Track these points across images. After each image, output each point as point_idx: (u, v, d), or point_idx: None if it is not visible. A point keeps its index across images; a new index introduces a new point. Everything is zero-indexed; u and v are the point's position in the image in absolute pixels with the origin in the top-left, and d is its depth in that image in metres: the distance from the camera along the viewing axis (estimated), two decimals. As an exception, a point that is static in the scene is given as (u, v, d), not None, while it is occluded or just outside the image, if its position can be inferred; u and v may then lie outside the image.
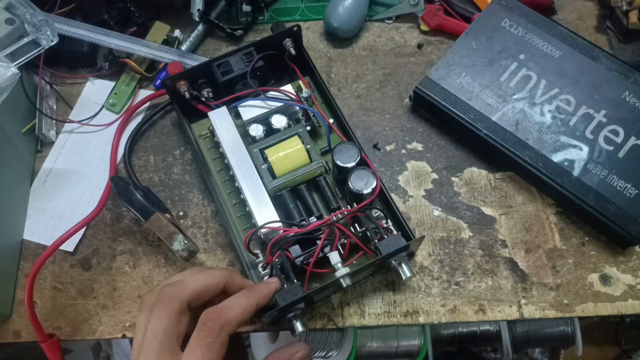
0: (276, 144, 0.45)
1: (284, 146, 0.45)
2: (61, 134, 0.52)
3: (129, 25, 0.55)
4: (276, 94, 0.48)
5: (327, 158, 0.47)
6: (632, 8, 0.54)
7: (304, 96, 0.48)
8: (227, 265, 0.46)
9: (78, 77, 0.55)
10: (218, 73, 0.48)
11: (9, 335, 0.45)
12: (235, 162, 0.44)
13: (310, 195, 0.45)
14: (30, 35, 0.43)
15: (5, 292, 0.45)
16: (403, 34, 0.57)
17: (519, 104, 0.48)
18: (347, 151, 0.43)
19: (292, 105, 0.47)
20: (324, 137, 0.48)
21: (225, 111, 0.47)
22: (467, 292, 0.45)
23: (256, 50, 0.49)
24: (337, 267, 0.39)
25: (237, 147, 0.45)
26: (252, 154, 0.45)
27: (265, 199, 0.43)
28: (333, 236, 0.41)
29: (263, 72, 0.50)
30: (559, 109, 0.47)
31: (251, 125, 0.46)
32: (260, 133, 0.46)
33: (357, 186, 0.42)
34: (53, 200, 0.49)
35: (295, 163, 0.44)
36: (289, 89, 0.48)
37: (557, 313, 0.44)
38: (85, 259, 0.47)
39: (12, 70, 0.40)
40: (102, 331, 0.44)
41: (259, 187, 0.43)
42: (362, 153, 0.44)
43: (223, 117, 0.46)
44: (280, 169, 0.44)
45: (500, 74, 0.49)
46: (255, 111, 0.47)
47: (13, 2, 0.43)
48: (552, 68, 0.49)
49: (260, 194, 0.43)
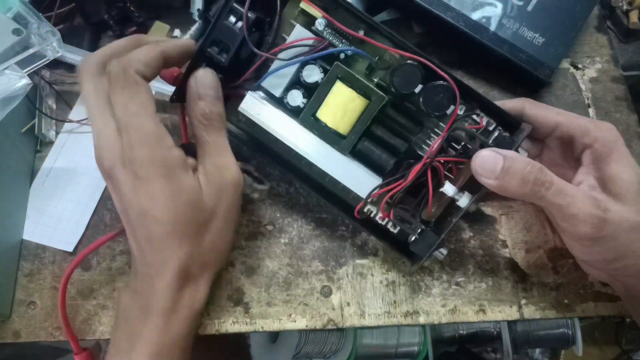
0: (323, 101, 0.40)
1: (334, 101, 0.39)
2: (61, 133, 0.52)
3: (128, 25, 0.54)
4: (291, 50, 0.40)
5: (378, 75, 0.40)
6: (632, 8, 0.54)
7: (319, 28, 0.39)
8: (227, 266, 0.46)
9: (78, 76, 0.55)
10: (217, 56, 0.40)
11: (8, 335, 0.45)
12: (296, 143, 0.40)
13: (388, 131, 0.41)
14: (36, 46, 0.44)
15: (5, 292, 0.45)
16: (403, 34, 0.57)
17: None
18: (405, 75, 0.37)
19: (311, 57, 0.39)
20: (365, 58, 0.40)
21: (251, 98, 0.41)
22: (468, 292, 0.45)
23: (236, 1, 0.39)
24: (458, 198, 0.37)
25: (289, 127, 0.40)
26: (307, 126, 0.40)
27: (348, 165, 0.40)
28: (437, 171, 0.38)
29: (260, 24, 0.41)
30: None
31: (287, 96, 0.41)
32: (301, 99, 0.40)
33: (436, 110, 0.38)
34: (53, 200, 0.49)
35: (355, 112, 0.39)
36: (298, 32, 0.40)
37: (557, 313, 0.44)
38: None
39: (24, 81, 0.41)
40: (102, 331, 0.44)
41: (335, 155, 0.40)
42: (422, 70, 0.37)
43: (254, 105, 0.41)
44: (344, 127, 0.39)
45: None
46: (282, 78, 0.40)
47: (21, 13, 0.44)
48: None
49: (340, 162, 0.40)
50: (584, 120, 0.38)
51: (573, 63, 0.54)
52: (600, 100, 0.52)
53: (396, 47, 0.39)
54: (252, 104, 0.40)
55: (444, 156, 0.38)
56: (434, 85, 0.37)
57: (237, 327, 0.44)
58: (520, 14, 0.50)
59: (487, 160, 0.34)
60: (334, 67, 0.39)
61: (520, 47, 0.49)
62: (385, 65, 0.40)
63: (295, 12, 0.40)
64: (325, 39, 0.39)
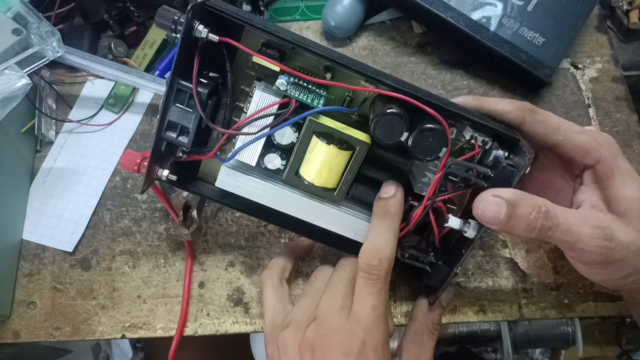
0: (303, 158, 0.36)
1: (316, 159, 0.36)
2: (60, 133, 0.52)
3: (128, 25, 0.54)
4: (256, 123, 0.35)
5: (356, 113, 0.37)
6: (632, 8, 0.54)
7: (281, 88, 0.34)
8: (227, 266, 0.46)
9: (77, 76, 0.55)
10: (178, 140, 0.36)
11: (8, 336, 0.45)
12: (285, 208, 0.38)
13: (379, 170, 0.39)
14: (36, 45, 0.44)
15: (4, 293, 0.45)
16: (403, 34, 0.57)
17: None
18: (388, 126, 0.33)
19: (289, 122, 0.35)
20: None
21: (226, 172, 0.37)
22: (468, 292, 0.45)
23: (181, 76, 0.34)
24: (466, 230, 0.35)
25: (273, 193, 0.37)
26: (293, 185, 0.38)
27: (344, 217, 0.38)
28: (438, 211, 0.37)
29: (214, 90, 0.36)
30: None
31: (264, 160, 0.38)
32: (280, 162, 0.38)
33: (428, 155, 0.34)
34: (52, 200, 0.49)
35: (341, 166, 0.36)
36: (258, 98, 0.35)
37: (557, 313, 0.44)
38: (84, 259, 0.47)
39: (24, 81, 0.41)
40: (102, 331, 0.44)
41: (328, 210, 0.38)
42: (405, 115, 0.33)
43: (231, 178, 0.37)
44: (332, 182, 0.37)
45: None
46: (254, 148, 0.37)
47: (21, 13, 0.44)
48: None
49: (335, 216, 0.38)
50: (584, 139, 0.36)
51: (573, 63, 0.54)
52: (600, 100, 0.52)
53: (368, 80, 0.35)
54: (228, 177, 0.37)
55: (444, 194, 0.36)
56: (421, 130, 0.33)
57: (237, 327, 0.44)
58: (521, 14, 0.50)
59: (490, 208, 0.33)
60: (307, 124, 0.35)
61: (520, 47, 0.49)
62: (361, 100, 0.37)
63: (247, 63, 0.36)
64: (291, 97, 0.34)
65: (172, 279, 0.46)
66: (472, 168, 0.35)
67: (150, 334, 0.44)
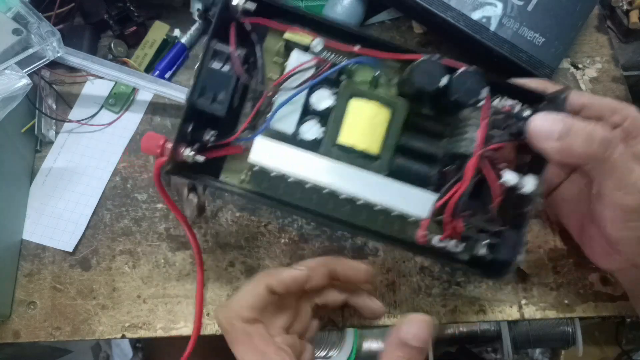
0: (342, 124, 0.34)
1: (355, 120, 0.34)
2: (60, 133, 0.52)
3: (128, 25, 0.54)
4: (292, 79, 0.34)
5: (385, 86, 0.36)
6: (632, 8, 0.54)
7: (316, 51, 0.34)
8: (227, 266, 0.46)
9: (77, 76, 0.55)
10: (211, 107, 0.34)
11: (8, 336, 0.45)
12: (328, 181, 0.34)
13: (419, 140, 0.36)
14: (36, 45, 0.44)
15: (4, 293, 0.45)
16: (403, 34, 0.57)
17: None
18: (426, 71, 0.33)
19: (320, 79, 0.34)
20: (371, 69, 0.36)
21: (261, 144, 0.34)
22: (468, 292, 0.45)
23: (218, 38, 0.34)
24: (523, 184, 0.33)
25: (311, 166, 0.34)
26: (333, 156, 0.34)
27: (393, 186, 0.34)
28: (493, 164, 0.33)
29: (250, 56, 0.35)
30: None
31: (301, 130, 0.35)
32: (318, 130, 0.35)
33: (471, 97, 0.33)
34: (52, 200, 0.49)
35: (383, 125, 0.34)
36: (296, 57, 0.34)
37: (557, 313, 0.44)
38: (84, 259, 0.47)
39: (24, 81, 0.41)
40: (102, 331, 0.44)
41: (373, 181, 0.34)
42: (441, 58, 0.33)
43: (266, 150, 0.34)
44: (375, 145, 0.34)
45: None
46: (290, 114, 0.35)
47: (21, 13, 0.44)
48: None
49: (384, 186, 0.34)
50: (609, 99, 0.37)
51: (573, 63, 0.54)
52: (600, 100, 0.52)
53: (396, 52, 0.35)
54: (263, 149, 0.34)
55: (494, 142, 0.33)
56: (460, 73, 0.33)
57: (237, 327, 0.44)
58: (521, 14, 0.50)
59: (546, 119, 0.31)
60: (344, 85, 0.34)
61: (520, 47, 0.49)
62: (389, 76, 0.36)
63: (275, 48, 0.36)
64: (326, 60, 0.35)
65: (172, 279, 0.46)
66: (513, 115, 0.33)
67: (150, 334, 0.44)
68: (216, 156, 0.35)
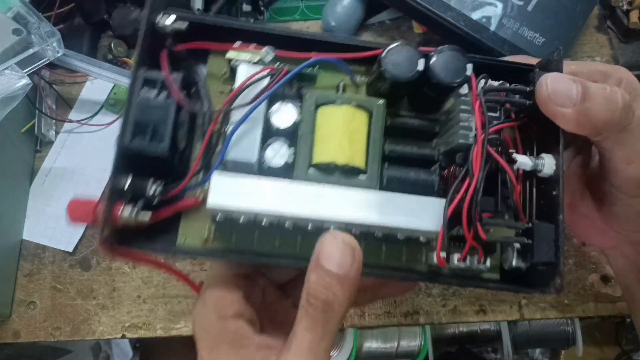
0: (315, 139, 0.28)
1: (329, 131, 0.28)
2: (60, 133, 0.52)
3: (128, 25, 0.55)
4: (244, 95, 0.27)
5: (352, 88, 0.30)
6: (632, 8, 0.54)
7: (267, 61, 0.28)
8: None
9: (77, 76, 0.55)
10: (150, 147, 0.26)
11: (8, 335, 0.45)
12: (306, 211, 0.26)
13: (408, 142, 0.30)
14: (36, 46, 0.44)
15: (4, 293, 0.45)
16: (403, 34, 0.57)
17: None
18: (400, 58, 0.27)
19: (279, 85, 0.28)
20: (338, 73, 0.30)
21: (220, 181, 0.26)
22: (468, 292, 0.45)
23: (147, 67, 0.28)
24: (540, 166, 0.27)
25: (285, 196, 0.26)
26: (310, 180, 0.27)
27: (389, 200, 0.27)
28: (501, 148, 0.28)
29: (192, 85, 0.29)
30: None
31: (266, 156, 0.28)
32: (286, 151, 0.28)
33: (457, 77, 0.28)
34: (52, 200, 0.49)
35: (362, 131, 0.28)
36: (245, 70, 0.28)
37: (557, 313, 0.44)
38: (84, 259, 0.47)
39: (24, 81, 0.41)
40: (102, 331, 0.44)
41: (365, 198, 0.27)
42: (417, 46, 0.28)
43: (225, 191, 0.26)
44: (359, 156, 0.28)
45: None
46: (250, 137, 0.27)
47: (22, 13, 0.44)
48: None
49: (377, 203, 0.27)
50: (596, 64, 0.34)
51: (573, 63, 0.54)
52: (600, 100, 0.52)
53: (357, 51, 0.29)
54: (222, 189, 0.26)
55: (496, 124, 0.28)
56: (437, 52, 0.28)
57: (237, 327, 0.44)
58: (521, 14, 0.50)
59: (559, 83, 0.26)
60: (308, 95, 0.28)
61: (520, 47, 0.49)
62: (356, 79, 0.30)
63: (221, 72, 0.30)
64: (280, 68, 0.28)
65: (172, 278, 0.46)
66: (507, 90, 0.28)
67: (150, 334, 0.44)
68: (166, 216, 0.27)
